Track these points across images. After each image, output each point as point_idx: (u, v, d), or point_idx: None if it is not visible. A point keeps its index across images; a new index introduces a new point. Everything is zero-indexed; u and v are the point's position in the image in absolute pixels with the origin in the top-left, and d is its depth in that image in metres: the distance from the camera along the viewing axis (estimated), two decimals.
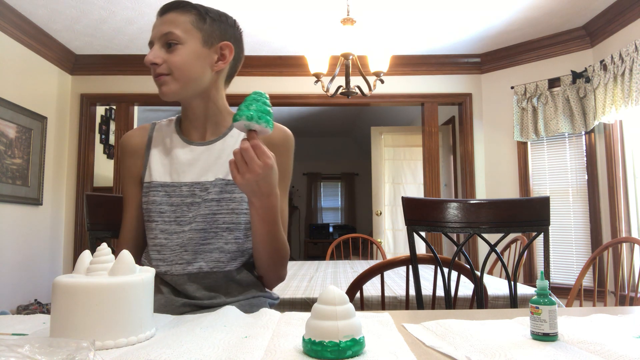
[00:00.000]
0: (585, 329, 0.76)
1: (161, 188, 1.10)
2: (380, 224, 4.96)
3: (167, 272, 1.07)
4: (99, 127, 4.73)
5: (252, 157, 0.87)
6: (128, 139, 1.18)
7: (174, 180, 1.10)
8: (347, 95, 2.82)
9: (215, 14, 1.11)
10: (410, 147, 5.03)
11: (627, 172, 3.32)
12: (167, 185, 1.10)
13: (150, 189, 1.11)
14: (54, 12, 3.34)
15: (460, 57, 4.21)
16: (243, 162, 0.88)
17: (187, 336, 0.71)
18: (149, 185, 1.12)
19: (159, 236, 1.09)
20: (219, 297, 1.07)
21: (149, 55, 1.05)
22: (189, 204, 1.08)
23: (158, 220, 1.09)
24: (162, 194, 1.10)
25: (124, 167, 1.18)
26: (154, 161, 1.13)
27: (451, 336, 0.72)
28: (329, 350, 0.60)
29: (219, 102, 1.15)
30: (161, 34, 1.06)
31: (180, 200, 1.09)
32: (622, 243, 2.64)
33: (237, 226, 1.09)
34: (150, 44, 1.08)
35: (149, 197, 1.11)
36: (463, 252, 1.40)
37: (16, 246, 3.47)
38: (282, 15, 3.43)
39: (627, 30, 3.22)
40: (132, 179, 1.17)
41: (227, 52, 1.11)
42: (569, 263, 3.66)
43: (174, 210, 1.09)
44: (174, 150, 1.13)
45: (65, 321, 0.66)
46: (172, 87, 1.07)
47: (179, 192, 1.09)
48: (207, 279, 1.07)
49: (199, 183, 1.09)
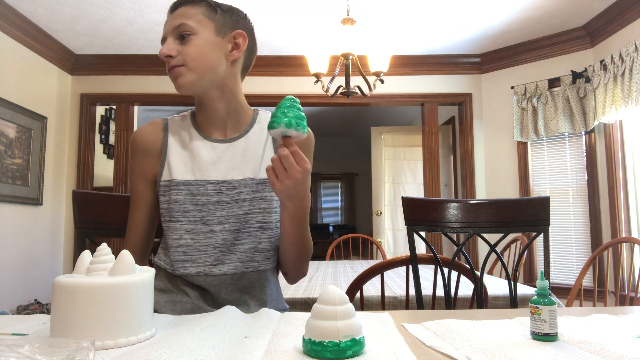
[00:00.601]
0: (585, 329, 0.76)
1: (184, 187, 1.06)
2: (380, 224, 4.96)
3: (200, 274, 1.04)
4: (99, 127, 4.73)
5: (292, 163, 0.88)
6: (141, 136, 1.12)
7: (198, 179, 1.07)
8: (347, 95, 2.82)
9: (225, 6, 1.11)
10: (410, 147, 5.04)
11: (627, 172, 3.32)
12: (190, 183, 1.06)
13: (171, 188, 1.07)
14: (54, 12, 3.34)
15: (460, 57, 4.21)
16: (282, 168, 0.89)
17: (187, 336, 0.71)
18: (169, 183, 1.07)
19: (184, 236, 1.05)
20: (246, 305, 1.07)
21: (163, 48, 1.03)
22: (215, 202, 1.06)
23: (182, 220, 1.05)
24: (185, 192, 1.06)
25: (136, 165, 1.12)
26: (173, 159, 1.09)
27: (451, 336, 0.72)
28: (329, 350, 0.60)
29: (239, 96, 1.13)
30: (173, 27, 1.04)
31: (205, 199, 1.06)
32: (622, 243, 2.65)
33: (270, 225, 1.08)
34: (163, 40, 1.06)
35: (170, 196, 1.06)
36: (463, 252, 1.40)
37: (16, 246, 3.47)
38: (282, 15, 3.43)
39: (627, 30, 3.22)
40: (144, 178, 1.12)
41: (240, 40, 1.09)
42: (569, 263, 3.66)
43: (200, 209, 1.06)
44: (195, 147, 1.09)
45: (65, 321, 0.66)
46: (188, 78, 1.04)
47: (204, 191, 1.06)
48: (243, 280, 1.07)
49: (226, 181, 1.07)
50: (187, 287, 1.06)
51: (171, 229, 1.07)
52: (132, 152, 1.13)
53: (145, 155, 1.11)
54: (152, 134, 1.12)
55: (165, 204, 1.08)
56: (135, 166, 1.12)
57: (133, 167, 1.13)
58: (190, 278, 1.05)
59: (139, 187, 1.12)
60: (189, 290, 1.06)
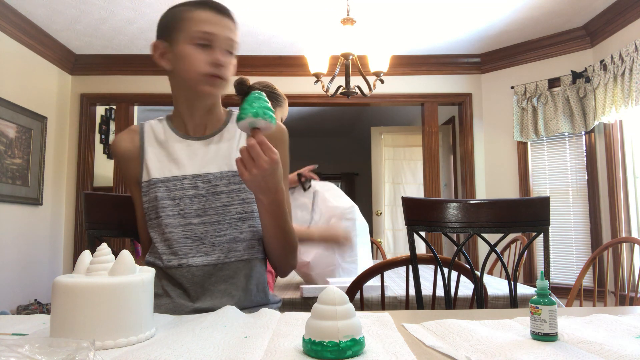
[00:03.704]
0: (585, 329, 0.76)
1: (161, 184, 1.10)
2: (380, 224, 4.96)
3: (184, 265, 1.07)
4: (99, 127, 4.72)
5: (259, 153, 0.90)
6: (118, 144, 1.18)
7: (174, 174, 1.11)
8: (347, 95, 2.82)
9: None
10: (410, 147, 5.04)
11: (627, 172, 3.32)
12: (167, 180, 1.11)
13: (150, 187, 1.11)
14: (54, 12, 3.34)
15: (460, 57, 4.21)
16: (250, 158, 0.91)
17: (187, 336, 0.71)
18: (148, 183, 1.12)
19: (165, 230, 1.09)
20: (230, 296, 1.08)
21: (222, 58, 1.06)
22: (191, 196, 1.09)
23: (162, 215, 1.09)
24: (163, 189, 1.10)
25: (121, 171, 1.21)
26: (150, 159, 1.13)
27: (451, 336, 0.72)
28: (329, 350, 0.60)
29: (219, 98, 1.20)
30: (227, 39, 1.07)
31: (182, 193, 1.10)
32: (622, 243, 2.65)
33: (250, 215, 1.11)
34: (209, 39, 1.05)
35: (150, 195, 1.11)
36: (463, 252, 1.40)
37: (16, 246, 3.46)
38: (282, 15, 3.43)
39: (627, 30, 3.22)
40: (133, 181, 1.18)
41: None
42: (569, 263, 3.66)
43: (177, 203, 1.09)
44: (171, 145, 1.14)
45: (65, 321, 0.66)
46: (221, 90, 1.11)
47: (180, 185, 1.10)
48: (227, 270, 1.09)
49: (201, 175, 1.10)
50: (170, 287, 1.08)
51: (155, 225, 1.12)
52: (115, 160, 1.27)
53: (126, 161, 1.17)
54: (128, 140, 1.17)
55: (147, 203, 1.12)
56: (122, 172, 1.21)
57: (122, 175, 1.23)
58: (174, 271, 1.07)
59: (132, 191, 1.19)
60: (171, 290, 1.08)
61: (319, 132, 8.28)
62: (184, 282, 1.07)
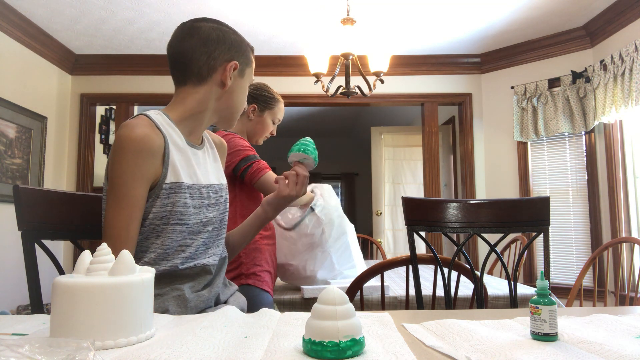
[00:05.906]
0: (585, 329, 0.76)
1: (187, 190, 1.08)
2: (380, 224, 4.96)
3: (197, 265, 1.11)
4: (99, 127, 4.72)
5: (305, 184, 1.20)
6: (148, 138, 1.02)
7: (194, 182, 1.11)
8: (347, 95, 2.82)
9: None
10: (410, 147, 5.04)
11: (627, 172, 3.32)
12: (191, 187, 1.10)
13: (177, 191, 1.06)
14: (54, 12, 3.34)
15: (460, 57, 4.21)
16: (295, 183, 1.19)
17: (187, 336, 0.71)
18: (175, 186, 1.06)
19: (186, 237, 1.09)
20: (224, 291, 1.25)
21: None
22: (207, 205, 1.14)
23: (189, 222, 1.08)
24: (188, 196, 1.08)
25: (138, 168, 1.01)
26: (177, 161, 1.08)
27: (451, 336, 0.72)
28: (329, 350, 0.60)
29: None
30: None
31: (201, 202, 1.12)
32: (622, 243, 2.65)
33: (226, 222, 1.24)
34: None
35: (175, 199, 1.05)
36: (463, 252, 1.40)
37: (16, 246, 3.46)
38: (282, 15, 3.43)
39: (627, 30, 3.22)
40: (145, 182, 1.03)
41: None
42: (569, 263, 3.66)
43: (198, 212, 1.11)
44: (186, 151, 1.12)
45: (65, 321, 0.66)
46: None
47: (199, 194, 1.12)
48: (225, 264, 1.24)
49: (211, 185, 1.17)
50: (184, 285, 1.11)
51: (172, 231, 1.06)
52: (133, 154, 1.01)
53: (150, 157, 1.03)
54: (155, 135, 1.04)
55: (170, 206, 1.05)
56: (137, 169, 1.01)
57: (132, 170, 1.01)
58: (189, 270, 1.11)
59: (139, 192, 1.02)
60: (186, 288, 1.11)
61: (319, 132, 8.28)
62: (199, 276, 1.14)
